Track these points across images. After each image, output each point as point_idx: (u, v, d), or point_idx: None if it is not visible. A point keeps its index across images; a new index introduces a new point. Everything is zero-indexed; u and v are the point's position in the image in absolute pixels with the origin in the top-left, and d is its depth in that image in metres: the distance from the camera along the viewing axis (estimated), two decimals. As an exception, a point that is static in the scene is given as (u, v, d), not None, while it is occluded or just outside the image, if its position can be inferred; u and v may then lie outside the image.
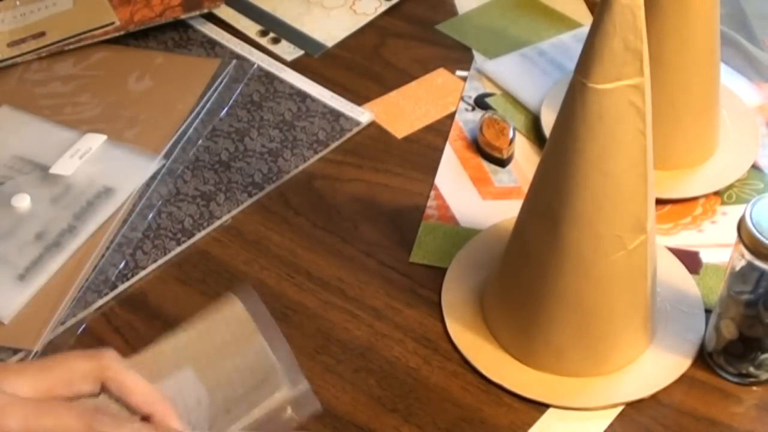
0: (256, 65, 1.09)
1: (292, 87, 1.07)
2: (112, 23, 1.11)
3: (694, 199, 0.93)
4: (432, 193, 0.95)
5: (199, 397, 0.67)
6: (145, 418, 0.61)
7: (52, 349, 0.83)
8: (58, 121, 1.02)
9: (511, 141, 0.98)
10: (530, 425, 0.77)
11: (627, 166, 0.71)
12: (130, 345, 0.84)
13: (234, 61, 1.09)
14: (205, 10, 1.14)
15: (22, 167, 0.97)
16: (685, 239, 0.90)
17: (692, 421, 0.77)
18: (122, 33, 1.11)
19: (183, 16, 1.13)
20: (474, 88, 1.06)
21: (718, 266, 0.87)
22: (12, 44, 1.10)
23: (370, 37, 1.14)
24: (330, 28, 1.15)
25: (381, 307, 0.86)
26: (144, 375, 0.63)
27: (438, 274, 0.88)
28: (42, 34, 1.11)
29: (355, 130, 1.02)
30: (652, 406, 0.78)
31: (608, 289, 0.76)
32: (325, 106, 1.04)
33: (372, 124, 1.03)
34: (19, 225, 0.91)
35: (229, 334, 0.71)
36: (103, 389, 0.61)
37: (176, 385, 0.67)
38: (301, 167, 0.98)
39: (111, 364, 0.61)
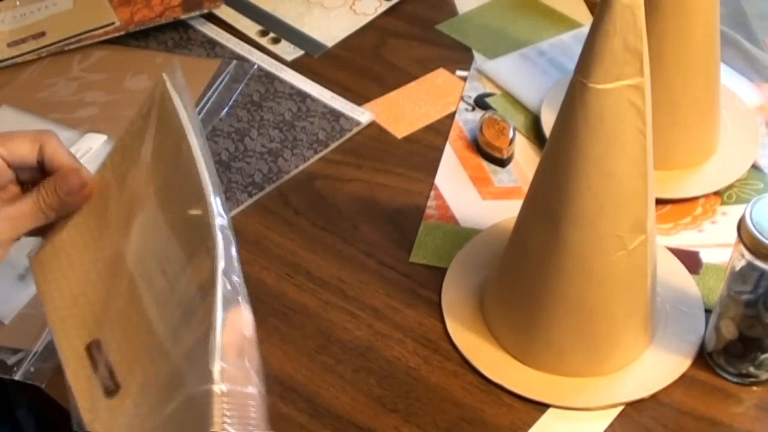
0: (256, 65, 1.09)
1: (292, 87, 1.07)
2: (112, 23, 1.11)
3: (694, 199, 0.93)
4: (432, 193, 0.95)
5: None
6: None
7: (51, 349, 0.82)
8: (58, 120, 1.02)
9: (511, 141, 0.98)
10: (530, 425, 0.77)
11: (627, 165, 0.71)
12: (130, 345, 0.84)
13: (234, 61, 1.09)
14: (205, 10, 1.14)
15: (22, 167, 0.97)
16: (685, 239, 0.90)
17: (692, 421, 0.77)
18: (122, 33, 1.11)
19: (183, 17, 1.13)
20: (474, 88, 1.06)
21: (718, 266, 0.87)
22: (12, 44, 1.10)
23: (370, 37, 1.14)
24: (330, 28, 1.15)
25: (381, 307, 0.86)
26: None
27: (438, 274, 0.88)
28: (42, 34, 1.11)
29: (355, 130, 1.02)
30: (652, 406, 0.78)
31: (608, 289, 0.76)
32: (325, 106, 1.04)
33: (372, 124, 1.03)
34: (19, 225, 0.91)
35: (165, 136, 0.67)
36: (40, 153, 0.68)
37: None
38: (301, 167, 0.98)
39: (50, 134, 0.69)
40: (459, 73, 1.08)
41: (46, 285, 0.71)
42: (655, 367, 0.80)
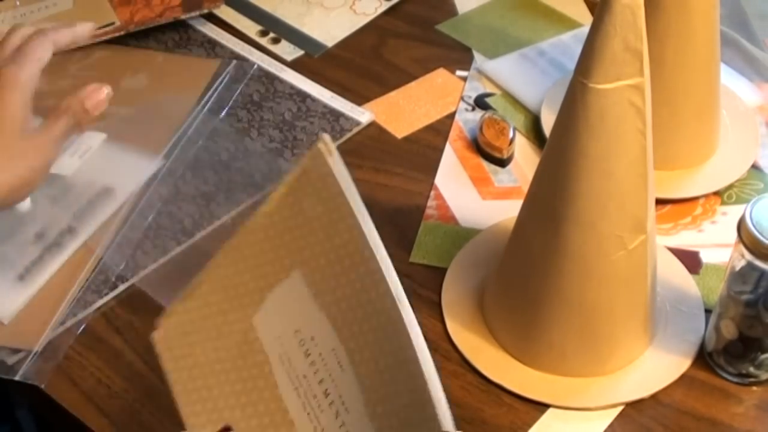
0: (256, 65, 1.09)
1: (292, 87, 1.07)
2: (112, 23, 1.11)
3: (694, 199, 0.93)
4: (432, 193, 0.95)
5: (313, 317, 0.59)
6: None
7: (51, 349, 0.83)
8: (58, 121, 1.02)
9: (511, 141, 0.98)
10: (530, 425, 0.77)
11: (627, 165, 0.71)
12: (130, 345, 0.84)
13: (234, 62, 1.09)
14: (205, 11, 1.14)
15: (22, 167, 0.97)
16: (685, 239, 0.90)
17: (692, 421, 0.77)
18: (122, 33, 1.11)
19: (183, 17, 1.13)
20: (474, 88, 1.06)
21: (718, 266, 0.87)
22: (12, 44, 1.10)
23: (370, 37, 1.14)
24: (330, 28, 1.15)
25: (381, 307, 0.86)
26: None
27: (438, 274, 0.88)
28: (42, 34, 1.10)
29: (355, 130, 1.02)
30: (652, 406, 0.78)
31: (609, 289, 0.76)
32: (325, 106, 1.04)
33: (372, 124, 1.03)
34: (19, 225, 0.91)
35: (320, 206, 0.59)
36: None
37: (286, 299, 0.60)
38: (301, 167, 0.98)
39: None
40: (459, 73, 1.08)
41: (173, 363, 0.65)
42: (655, 367, 0.80)
